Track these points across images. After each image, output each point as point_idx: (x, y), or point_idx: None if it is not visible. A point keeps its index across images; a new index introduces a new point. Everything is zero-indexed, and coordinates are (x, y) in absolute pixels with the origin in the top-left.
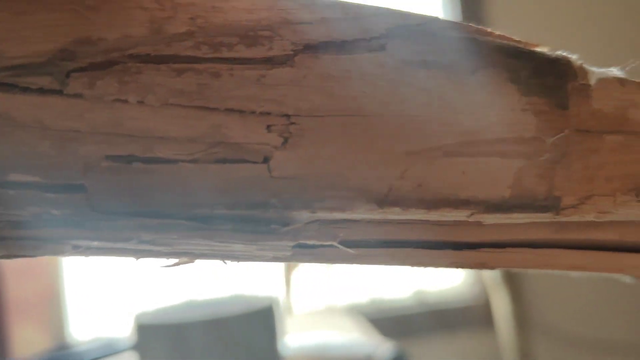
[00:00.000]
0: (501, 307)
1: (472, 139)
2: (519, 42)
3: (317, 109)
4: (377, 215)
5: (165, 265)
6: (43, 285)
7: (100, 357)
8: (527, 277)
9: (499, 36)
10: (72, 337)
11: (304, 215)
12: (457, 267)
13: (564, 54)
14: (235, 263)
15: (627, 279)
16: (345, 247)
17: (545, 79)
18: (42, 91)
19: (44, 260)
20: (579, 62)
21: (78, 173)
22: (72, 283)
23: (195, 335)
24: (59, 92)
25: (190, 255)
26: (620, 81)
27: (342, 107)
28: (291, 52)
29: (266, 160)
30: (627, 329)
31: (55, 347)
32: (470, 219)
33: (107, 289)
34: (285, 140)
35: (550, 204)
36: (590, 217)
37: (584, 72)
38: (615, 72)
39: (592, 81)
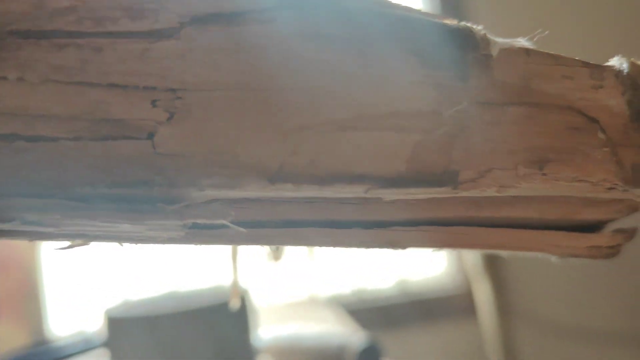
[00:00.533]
0: (483, 296)
1: (367, 112)
2: (421, 13)
3: (205, 83)
4: (270, 192)
5: (59, 247)
6: (20, 281)
7: (79, 352)
8: (509, 266)
9: (401, 7)
10: (51, 333)
11: (193, 193)
12: (366, 246)
13: (467, 24)
14: (133, 245)
15: (552, 258)
16: (239, 227)
17: (446, 50)
18: None
19: (21, 255)
20: (481, 33)
21: None
22: (50, 278)
23: (166, 328)
24: None
25: (85, 237)
26: (526, 51)
27: (230, 80)
28: (177, 25)
29: (151, 136)
30: (609, 316)
31: (33, 343)
32: (367, 195)
33: (85, 284)
34: (171, 116)
35: (448, 178)
36: (492, 192)
37: (486, 43)
38: (522, 42)
39: (495, 52)
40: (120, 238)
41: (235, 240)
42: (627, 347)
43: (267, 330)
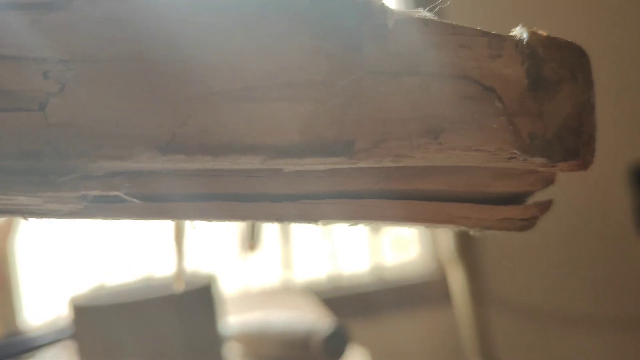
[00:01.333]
0: (457, 282)
1: (259, 83)
2: None
3: (95, 54)
4: (163, 163)
5: None
6: None
7: (50, 343)
8: (483, 253)
9: None
10: (24, 324)
11: (87, 165)
12: (276, 220)
13: None
14: (37, 220)
15: (470, 231)
16: (134, 199)
17: (340, 20)
18: None
19: None
20: (378, 3)
21: None
22: (23, 268)
23: (133, 316)
24: None
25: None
26: (424, 22)
27: (121, 52)
28: None
29: (42, 107)
30: (582, 300)
31: (6, 334)
32: (264, 166)
33: (58, 273)
34: (62, 87)
35: (343, 148)
36: (388, 162)
37: (383, 13)
38: (422, 12)
39: (390, 22)
40: (21, 212)
41: (137, 214)
42: (599, 332)
43: (235, 317)
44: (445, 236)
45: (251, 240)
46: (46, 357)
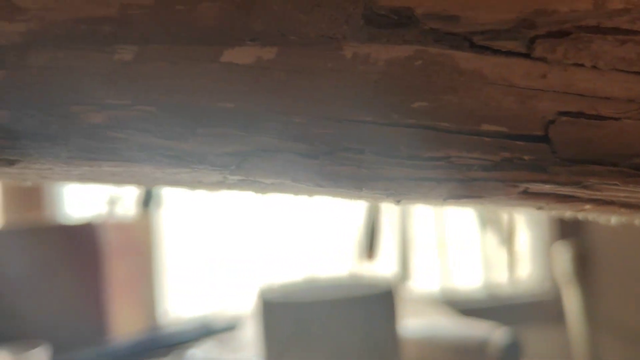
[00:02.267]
0: (572, 303)
1: None
2: None
3: None
4: None
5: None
6: (137, 265)
7: (197, 338)
8: (600, 274)
9: None
10: (167, 317)
11: None
12: None
13: None
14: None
15: None
16: None
17: None
18: (509, 53)
19: (138, 239)
20: None
21: (538, 125)
22: (167, 262)
23: (318, 315)
24: (525, 55)
25: (601, 204)
26: None
27: None
28: None
29: None
30: None
31: (153, 327)
32: None
33: (204, 269)
34: None
35: None
36: None
37: None
38: None
39: None
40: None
41: None
42: None
43: (406, 323)
44: (562, 257)
45: (369, 249)
46: (196, 353)
